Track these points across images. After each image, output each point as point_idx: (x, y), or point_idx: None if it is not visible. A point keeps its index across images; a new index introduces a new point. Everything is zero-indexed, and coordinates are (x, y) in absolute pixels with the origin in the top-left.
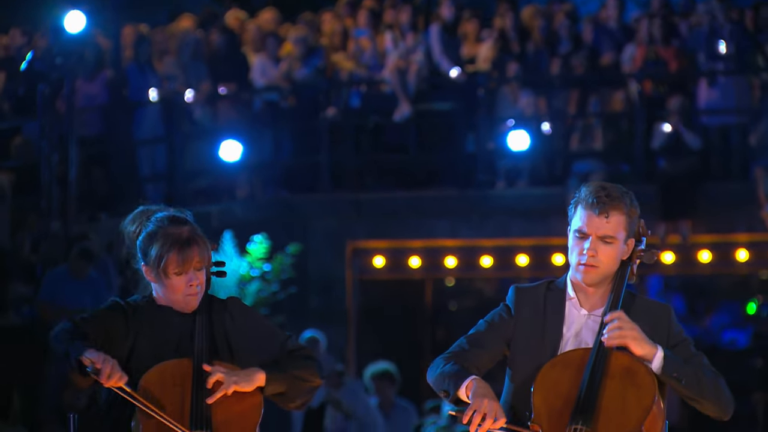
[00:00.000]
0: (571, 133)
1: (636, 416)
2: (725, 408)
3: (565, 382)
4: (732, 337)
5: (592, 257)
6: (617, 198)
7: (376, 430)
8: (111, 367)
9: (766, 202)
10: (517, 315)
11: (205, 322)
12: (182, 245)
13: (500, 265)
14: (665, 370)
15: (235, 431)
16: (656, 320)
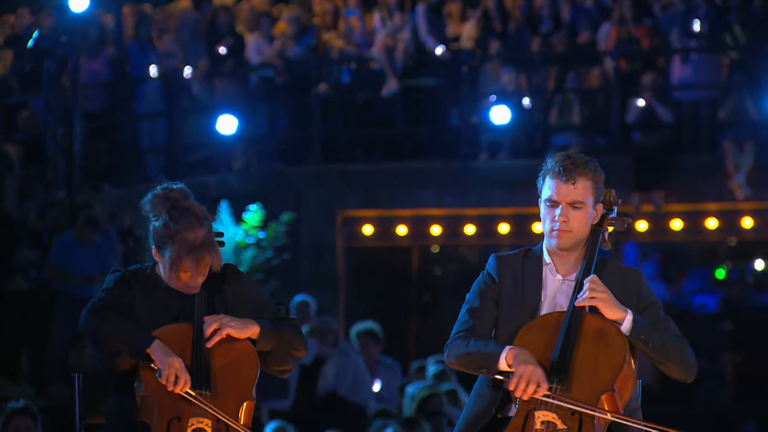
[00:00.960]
0: (550, 108)
1: (608, 375)
2: (689, 371)
3: (541, 343)
4: (702, 301)
5: (564, 223)
6: (582, 165)
7: (367, 389)
8: (179, 372)
9: (734, 173)
10: (500, 282)
11: (204, 295)
12: (196, 252)
13: (483, 232)
14: (633, 333)
15: (232, 390)
16: (627, 284)
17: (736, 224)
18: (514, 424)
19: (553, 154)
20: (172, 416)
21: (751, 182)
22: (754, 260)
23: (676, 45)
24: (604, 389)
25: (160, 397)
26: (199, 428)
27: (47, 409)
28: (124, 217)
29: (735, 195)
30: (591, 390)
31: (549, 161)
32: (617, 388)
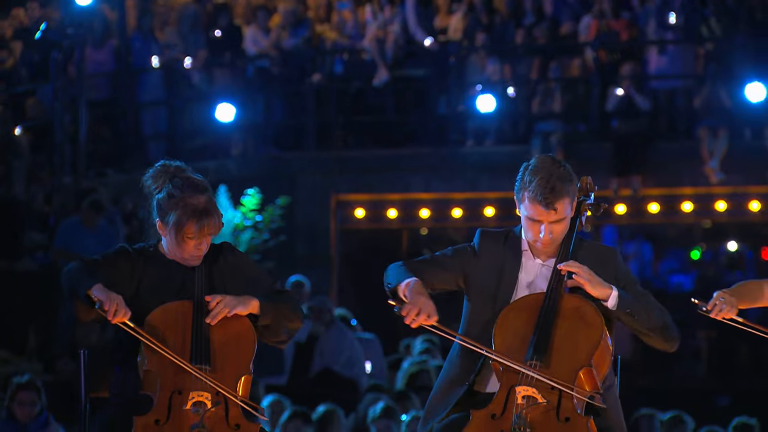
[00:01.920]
0: (533, 97)
1: (586, 351)
2: (671, 341)
3: (522, 323)
4: (678, 280)
5: (548, 238)
6: (561, 190)
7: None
8: (116, 305)
9: (708, 158)
10: (479, 255)
11: (204, 270)
12: (200, 216)
13: (469, 216)
14: (620, 308)
15: (231, 365)
16: (604, 262)
17: (710, 207)
18: (498, 399)
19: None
20: (174, 389)
21: (724, 167)
22: (728, 242)
23: (653, 37)
24: (582, 365)
25: (163, 372)
26: (199, 401)
27: (54, 384)
28: (127, 201)
29: (709, 180)
30: (570, 365)
31: (528, 182)
32: (594, 364)
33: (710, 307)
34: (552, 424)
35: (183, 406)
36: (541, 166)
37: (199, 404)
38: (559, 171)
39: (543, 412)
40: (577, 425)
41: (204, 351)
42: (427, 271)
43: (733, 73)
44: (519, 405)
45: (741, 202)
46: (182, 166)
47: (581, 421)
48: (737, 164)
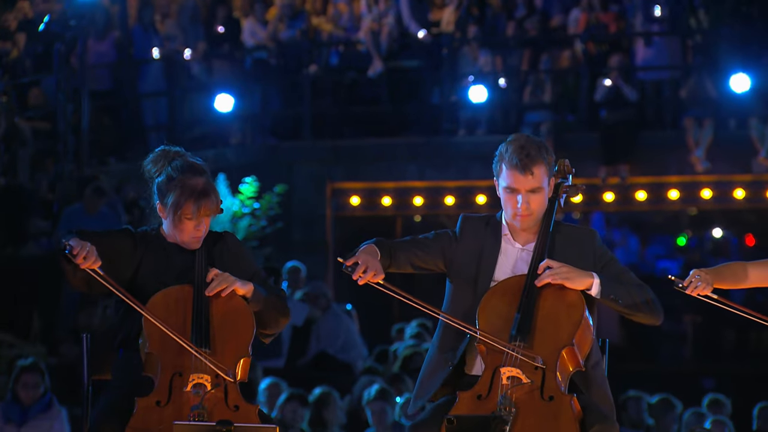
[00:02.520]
0: (523, 88)
1: (567, 331)
2: (656, 315)
3: (505, 305)
4: (665, 266)
5: (526, 209)
6: (536, 155)
7: (357, 350)
8: (87, 252)
9: (694, 147)
10: (461, 239)
11: (205, 252)
12: (198, 196)
13: (462, 203)
14: (603, 294)
15: (230, 348)
16: (582, 244)
17: (696, 195)
18: (483, 380)
19: (508, 143)
20: (175, 371)
21: (710, 156)
22: (713, 228)
23: (640, 29)
24: (564, 344)
25: (164, 354)
26: (200, 383)
27: (58, 366)
28: (129, 189)
29: (695, 168)
30: (552, 345)
31: (505, 152)
32: (576, 343)
33: (686, 283)
34: (536, 403)
35: (183, 388)
36: (517, 138)
37: (200, 386)
38: (534, 141)
39: (527, 392)
40: (561, 403)
41: (204, 334)
42: (404, 248)
43: (719, 64)
44: (504, 386)
45: (726, 190)
46: (181, 151)
47: (565, 399)
48: (722, 153)
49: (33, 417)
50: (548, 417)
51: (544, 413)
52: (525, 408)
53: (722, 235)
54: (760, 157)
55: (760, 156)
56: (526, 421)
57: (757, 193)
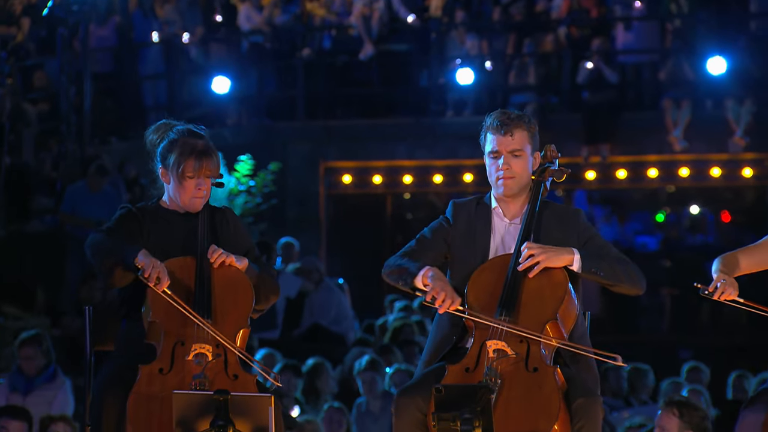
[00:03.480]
0: (509, 70)
1: (552, 306)
2: (638, 285)
3: (492, 282)
4: (643, 241)
5: (507, 170)
6: (517, 118)
7: (349, 322)
8: (159, 272)
9: (672, 128)
10: (455, 224)
11: (207, 221)
12: (199, 154)
13: (449, 181)
14: (584, 269)
15: (231, 319)
16: (567, 222)
17: (674, 173)
18: (471, 353)
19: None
20: (177, 340)
21: (687, 136)
22: (690, 205)
23: (620, 14)
24: (548, 318)
25: (167, 323)
26: (201, 352)
27: (61, 338)
28: (130, 168)
29: (673, 147)
30: (537, 319)
31: (488, 119)
32: (560, 317)
33: (712, 289)
34: (521, 375)
35: (185, 357)
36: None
37: (201, 356)
38: (516, 112)
39: (513, 364)
40: (545, 374)
41: (206, 305)
42: (422, 256)
43: (696, 47)
44: (490, 358)
45: (703, 168)
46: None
47: (549, 370)
48: (699, 133)
49: (38, 387)
50: (532, 387)
51: (529, 384)
52: (510, 379)
53: (699, 212)
54: (735, 137)
55: (735, 136)
56: (511, 392)
57: (733, 172)
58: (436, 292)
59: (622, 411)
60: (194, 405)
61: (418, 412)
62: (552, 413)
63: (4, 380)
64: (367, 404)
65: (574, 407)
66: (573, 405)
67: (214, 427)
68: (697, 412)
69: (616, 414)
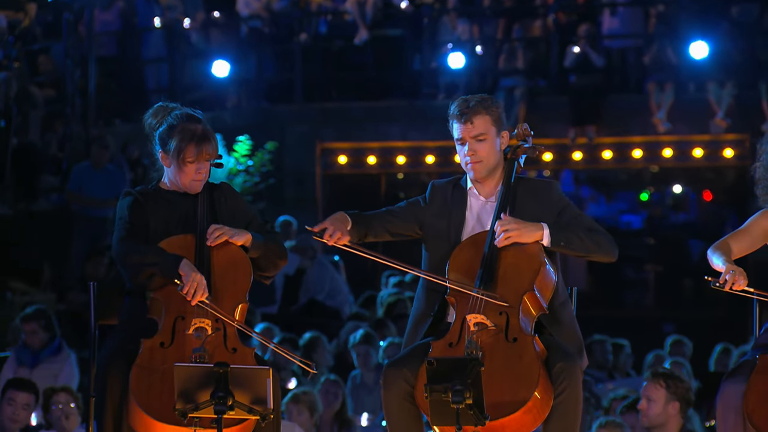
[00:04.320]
0: (498, 55)
1: (528, 278)
2: (609, 253)
3: (471, 257)
4: (628, 220)
5: (473, 155)
6: (476, 104)
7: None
8: (198, 285)
9: (656, 110)
10: (430, 204)
11: (206, 201)
12: (199, 139)
13: (441, 162)
14: (553, 243)
15: (230, 294)
16: (542, 195)
17: (657, 154)
18: (453, 329)
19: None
20: (178, 315)
21: (671, 118)
22: (673, 185)
23: (606, 0)
24: (525, 290)
25: (168, 299)
26: (201, 327)
27: (66, 313)
28: (133, 148)
29: (657, 129)
30: (514, 291)
31: (451, 107)
32: (538, 288)
33: (722, 281)
34: (501, 345)
35: (186, 331)
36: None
37: (201, 330)
38: (477, 96)
39: (493, 335)
40: (524, 344)
41: (206, 281)
42: (379, 217)
43: (679, 32)
44: (471, 331)
45: (685, 149)
46: (177, 105)
47: (528, 339)
48: (682, 115)
49: (43, 360)
50: (513, 357)
51: (509, 354)
52: (491, 350)
53: (682, 191)
54: (717, 119)
55: (717, 117)
56: (492, 363)
57: (714, 152)
58: (325, 225)
59: (607, 383)
60: (195, 377)
61: (406, 384)
62: (532, 381)
63: (12, 354)
64: (362, 377)
65: (554, 371)
66: (553, 369)
67: (215, 398)
68: (682, 384)
69: (600, 386)
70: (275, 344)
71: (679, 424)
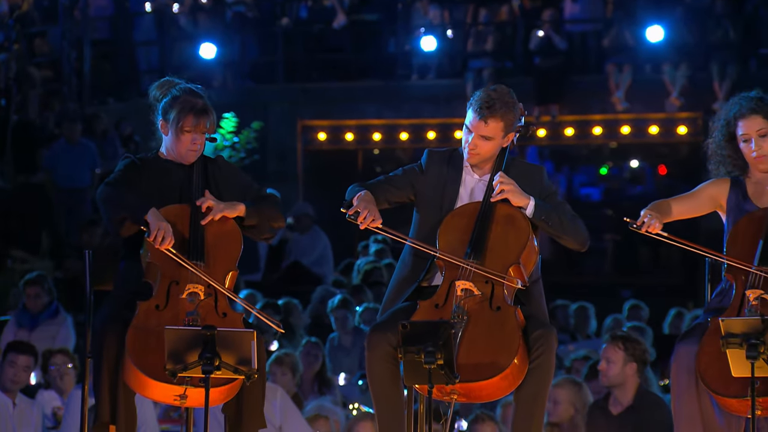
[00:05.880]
0: (467, 38)
1: (515, 250)
2: (582, 242)
3: (462, 227)
4: (588, 192)
5: (474, 148)
6: (497, 110)
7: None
8: (164, 231)
9: (615, 90)
10: (426, 171)
11: (200, 171)
12: (198, 112)
13: (414, 138)
14: (536, 215)
15: (221, 262)
16: (531, 178)
17: (616, 131)
18: (440, 291)
19: (487, 88)
20: (172, 280)
21: (628, 97)
22: (630, 160)
23: None
24: (512, 262)
25: (163, 264)
26: (194, 292)
27: (64, 279)
28: (126, 125)
29: (615, 107)
30: (501, 262)
31: (476, 93)
32: (522, 261)
33: (639, 223)
34: (485, 313)
35: (180, 295)
36: (492, 88)
37: (194, 295)
38: (505, 97)
39: (478, 302)
40: (507, 313)
41: (200, 249)
42: (380, 188)
43: (636, 17)
44: (458, 296)
45: (642, 126)
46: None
47: (510, 309)
48: (639, 95)
49: (42, 323)
50: (495, 325)
51: (492, 321)
52: (476, 316)
53: (638, 166)
54: (671, 98)
55: (671, 97)
56: (476, 329)
57: (669, 129)
58: (360, 207)
59: (568, 345)
60: (184, 339)
61: (389, 346)
62: (512, 349)
63: (12, 317)
64: (339, 339)
65: (532, 338)
66: (531, 336)
67: (202, 359)
68: (639, 346)
69: (563, 347)
70: (242, 299)
71: (636, 383)
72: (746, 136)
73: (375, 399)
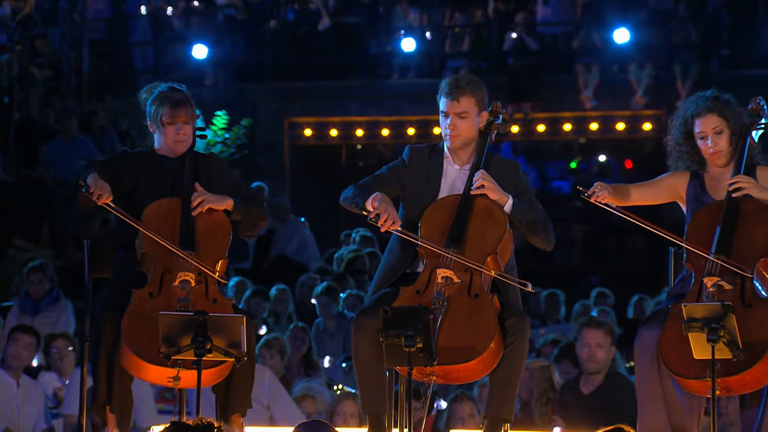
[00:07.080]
0: (445, 39)
1: (493, 241)
2: (549, 243)
3: (443, 218)
4: (558, 185)
5: (453, 129)
6: (464, 87)
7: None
8: (101, 189)
9: (584, 88)
10: (409, 166)
11: (192, 165)
12: (174, 103)
13: (395, 135)
14: (512, 214)
15: (212, 251)
16: (507, 173)
17: (585, 127)
18: (422, 278)
19: (448, 76)
20: (165, 269)
21: (596, 96)
22: (598, 155)
23: None
24: (489, 252)
25: (157, 254)
26: (186, 280)
27: (64, 267)
28: (122, 122)
29: (584, 105)
30: (479, 252)
31: (442, 82)
32: (499, 252)
33: (590, 192)
34: (464, 299)
35: (172, 283)
36: (455, 75)
37: (185, 282)
38: (470, 77)
39: (457, 290)
40: (484, 301)
41: (190, 239)
42: (374, 186)
43: (604, 20)
44: (439, 284)
45: (609, 123)
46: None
47: (488, 297)
48: (606, 93)
49: (43, 309)
50: (473, 311)
51: (470, 308)
52: (455, 303)
53: (606, 160)
54: (637, 96)
55: (637, 95)
56: (455, 315)
57: (635, 126)
58: (380, 211)
59: (539, 329)
60: (177, 324)
61: (374, 330)
62: (489, 335)
63: (15, 303)
64: (324, 324)
65: (507, 324)
66: (506, 323)
67: (195, 342)
68: (613, 331)
69: (534, 331)
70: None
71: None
72: (703, 134)
73: (359, 378)
